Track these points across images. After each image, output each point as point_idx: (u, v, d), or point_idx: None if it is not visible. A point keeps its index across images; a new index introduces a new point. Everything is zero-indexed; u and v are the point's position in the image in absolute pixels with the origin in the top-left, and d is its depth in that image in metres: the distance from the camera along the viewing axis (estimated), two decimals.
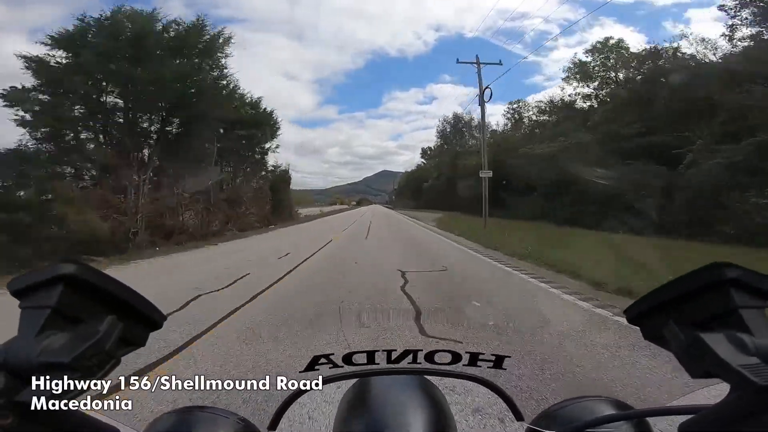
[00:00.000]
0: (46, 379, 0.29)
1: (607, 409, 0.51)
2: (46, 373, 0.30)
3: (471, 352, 0.53)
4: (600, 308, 4.33)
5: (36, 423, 0.30)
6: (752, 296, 0.35)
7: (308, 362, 0.54)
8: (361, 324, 3.73)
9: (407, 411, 0.53)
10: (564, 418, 0.51)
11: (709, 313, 0.36)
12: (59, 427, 0.32)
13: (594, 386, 2.38)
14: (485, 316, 3.97)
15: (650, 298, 0.40)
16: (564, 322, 3.81)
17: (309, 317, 3.98)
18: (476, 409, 1.93)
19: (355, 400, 0.59)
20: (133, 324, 0.37)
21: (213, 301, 4.82)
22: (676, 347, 0.35)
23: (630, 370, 2.59)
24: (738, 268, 0.36)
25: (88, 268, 0.34)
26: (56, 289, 0.33)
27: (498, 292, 5.39)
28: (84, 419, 0.35)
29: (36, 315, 0.32)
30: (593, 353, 2.92)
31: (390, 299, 4.79)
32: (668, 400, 2.15)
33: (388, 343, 3.11)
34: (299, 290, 5.40)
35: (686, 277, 0.37)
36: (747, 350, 0.31)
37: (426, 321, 3.81)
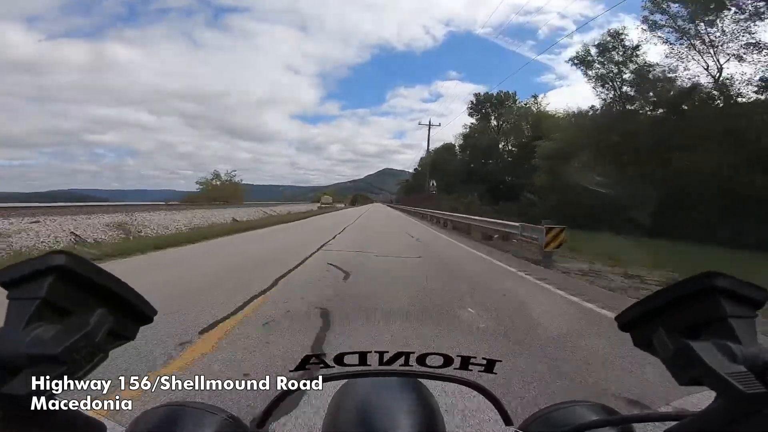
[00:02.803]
0: (34, 372, 0.29)
1: (594, 415, 0.51)
2: (34, 365, 0.29)
3: (463, 356, 0.53)
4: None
5: (22, 416, 0.30)
6: (741, 305, 0.36)
7: (299, 361, 0.53)
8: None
9: (397, 413, 0.53)
10: (552, 423, 0.52)
11: (698, 321, 0.37)
12: (46, 420, 0.31)
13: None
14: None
15: (641, 306, 0.40)
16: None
17: None
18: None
19: (345, 400, 0.59)
20: (124, 318, 0.37)
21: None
22: (665, 354, 0.35)
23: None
24: (728, 277, 0.36)
25: (80, 259, 0.34)
26: (46, 280, 0.32)
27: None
28: (70, 413, 0.34)
29: (24, 306, 0.32)
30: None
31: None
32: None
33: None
34: None
35: (677, 285, 0.38)
36: (735, 358, 0.32)
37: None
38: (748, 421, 0.31)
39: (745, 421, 0.31)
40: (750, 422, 0.31)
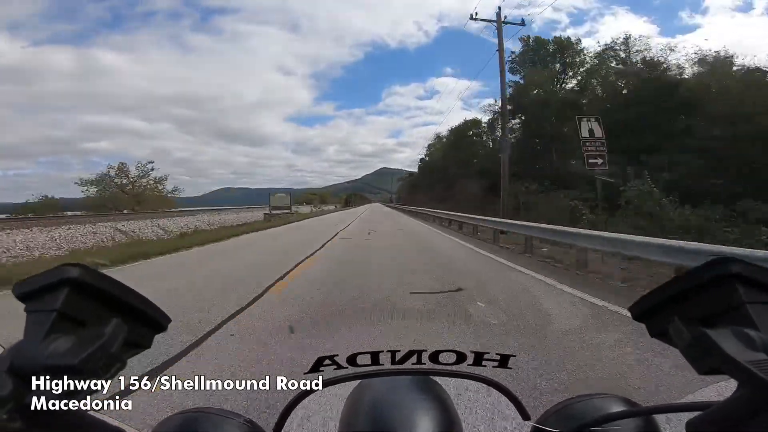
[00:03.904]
0: (54, 382, 0.30)
1: (614, 407, 0.50)
2: (54, 376, 0.30)
3: (476, 352, 0.53)
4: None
5: (44, 426, 0.31)
6: (758, 291, 0.35)
7: (312, 363, 0.53)
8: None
9: (412, 411, 0.53)
10: (570, 416, 0.51)
11: (714, 309, 0.36)
12: (67, 429, 0.32)
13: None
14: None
15: (655, 295, 0.39)
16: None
17: None
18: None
19: (360, 401, 0.59)
20: (138, 326, 0.37)
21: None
22: (682, 343, 0.35)
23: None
24: (743, 262, 0.35)
25: (93, 271, 0.35)
26: (61, 292, 0.33)
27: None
28: (91, 421, 0.35)
29: (42, 318, 0.32)
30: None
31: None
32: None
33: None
34: None
35: (691, 272, 0.37)
36: (754, 346, 0.31)
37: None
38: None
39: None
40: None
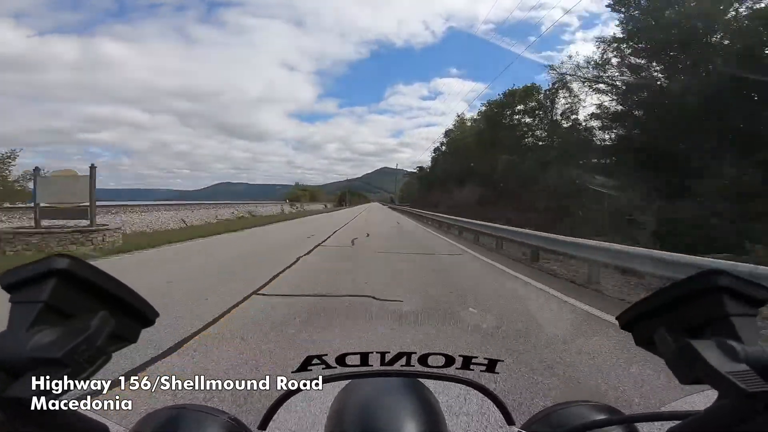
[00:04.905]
0: (37, 375, 0.29)
1: (597, 414, 0.51)
2: (37, 369, 0.29)
3: (464, 356, 0.53)
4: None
5: (25, 419, 0.30)
6: (743, 304, 0.36)
7: (301, 362, 0.53)
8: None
9: (399, 413, 0.53)
10: (554, 423, 0.52)
11: (700, 320, 0.36)
12: (49, 422, 0.31)
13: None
14: None
15: (642, 304, 0.40)
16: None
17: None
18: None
19: (347, 401, 0.59)
20: (126, 320, 0.37)
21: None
22: (666, 353, 0.35)
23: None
24: (730, 275, 0.36)
25: (82, 262, 0.34)
26: (48, 283, 0.32)
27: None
28: (73, 416, 0.34)
29: (27, 309, 0.32)
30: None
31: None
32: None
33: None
34: None
35: (679, 283, 0.37)
36: (737, 357, 0.32)
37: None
38: (751, 420, 0.31)
39: (748, 420, 0.31)
40: (753, 421, 0.30)
